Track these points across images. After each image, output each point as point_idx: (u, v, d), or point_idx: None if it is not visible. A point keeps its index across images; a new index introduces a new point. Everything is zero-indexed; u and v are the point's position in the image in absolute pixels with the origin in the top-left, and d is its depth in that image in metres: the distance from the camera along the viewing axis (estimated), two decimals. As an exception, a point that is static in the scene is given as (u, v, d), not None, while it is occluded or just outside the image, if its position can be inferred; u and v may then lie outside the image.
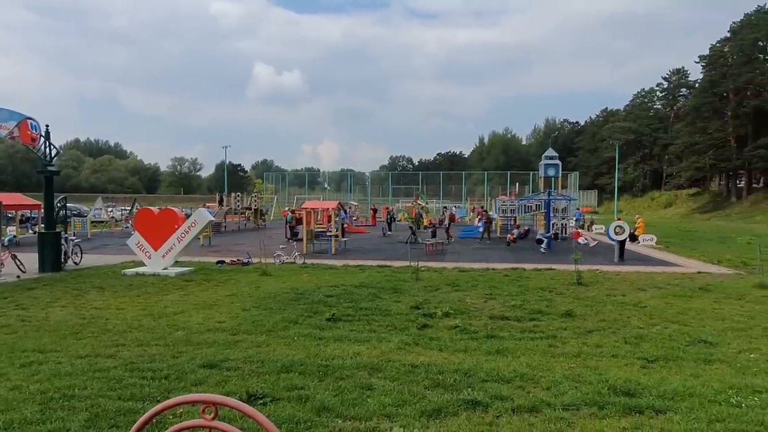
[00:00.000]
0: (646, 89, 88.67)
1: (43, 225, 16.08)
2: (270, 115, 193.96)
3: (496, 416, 4.66)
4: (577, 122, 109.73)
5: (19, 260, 14.35)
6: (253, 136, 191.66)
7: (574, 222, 31.91)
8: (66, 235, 16.64)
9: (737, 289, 11.88)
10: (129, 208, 36.70)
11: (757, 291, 11.67)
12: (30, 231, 28.73)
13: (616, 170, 58.83)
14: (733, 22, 64.75)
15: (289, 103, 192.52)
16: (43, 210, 16.15)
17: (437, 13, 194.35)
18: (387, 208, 38.43)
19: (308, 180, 65.70)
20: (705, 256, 19.35)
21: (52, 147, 15.25)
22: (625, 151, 78.89)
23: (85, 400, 5.03)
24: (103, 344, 7.09)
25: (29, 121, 14.70)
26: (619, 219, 21.98)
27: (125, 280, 13.02)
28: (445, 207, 39.24)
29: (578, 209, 42.04)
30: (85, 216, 32.22)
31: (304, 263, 16.43)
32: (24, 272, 13.94)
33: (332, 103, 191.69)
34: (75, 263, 15.96)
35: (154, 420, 1.76)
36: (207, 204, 33.63)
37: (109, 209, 37.50)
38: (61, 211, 22.43)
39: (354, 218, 36.05)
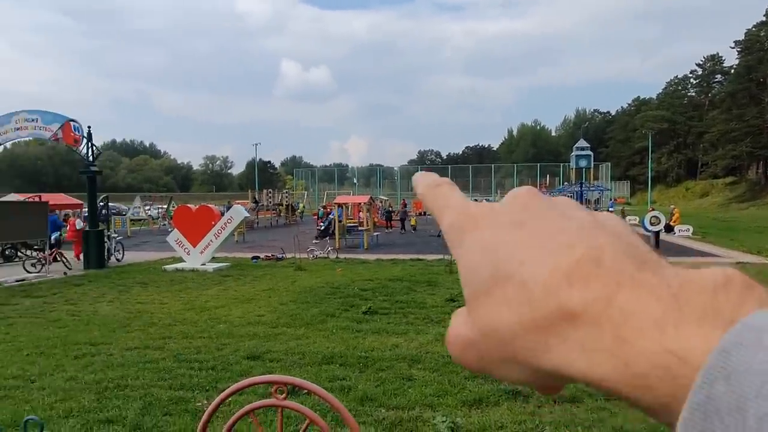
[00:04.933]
0: (679, 77, 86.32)
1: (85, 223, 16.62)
2: (298, 111, 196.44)
3: (537, 406, 4.71)
4: (608, 112, 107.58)
5: (65, 258, 14.91)
6: (282, 132, 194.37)
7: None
8: (109, 233, 17.23)
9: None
10: (165, 206, 37.46)
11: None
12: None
13: (650, 160, 57.55)
14: (772, 5, 62.47)
15: (316, 99, 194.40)
16: (86, 209, 16.72)
17: (463, 5, 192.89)
18: (382, 201, 35.33)
19: (337, 175, 66.09)
20: (744, 246, 18.85)
21: (93, 148, 15.78)
22: (659, 140, 77.07)
23: (138, 390, 5.27)
24: (151, 337, 7.36)
25: (72, 123, 15.24)
26: (652, 210, 21.57)
27: (166, 275, 13.41)
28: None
29: (612, 200, 41.24)
30: (125, 214, 33.15)
31: (337, 258, 16.63)
32: (70, 269, 14.48)
33: (359, 99, 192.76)
34: (117, 260, 16.48)
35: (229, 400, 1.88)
36: (238, 201, 34.15)
37: (147, 207, 38.39)
38: (103, 210, 23.17)
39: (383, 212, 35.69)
